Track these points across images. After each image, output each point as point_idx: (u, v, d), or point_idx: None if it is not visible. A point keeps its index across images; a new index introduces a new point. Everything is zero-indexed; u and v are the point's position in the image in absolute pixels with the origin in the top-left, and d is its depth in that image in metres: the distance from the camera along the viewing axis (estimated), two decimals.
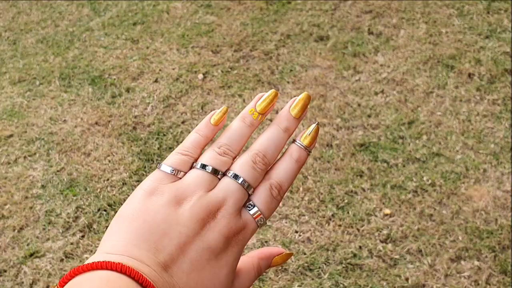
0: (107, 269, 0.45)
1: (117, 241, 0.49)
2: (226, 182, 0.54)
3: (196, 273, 0.50)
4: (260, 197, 0.55)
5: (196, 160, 0.56)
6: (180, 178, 0.55)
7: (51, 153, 3.01)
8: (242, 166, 0.55)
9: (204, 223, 0.51)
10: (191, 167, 0.56)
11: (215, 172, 0.55)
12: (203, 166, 0.55)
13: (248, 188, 0.55)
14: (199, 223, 0.51)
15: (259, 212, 0.55)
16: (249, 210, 0.54)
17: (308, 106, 0.60)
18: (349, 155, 2.78)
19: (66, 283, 0.45)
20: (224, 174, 0.55)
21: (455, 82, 3.16)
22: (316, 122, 0.62)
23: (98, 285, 0.43)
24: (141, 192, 0.53)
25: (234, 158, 0.57)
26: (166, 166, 0.55)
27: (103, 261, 0.45)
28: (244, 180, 0.54)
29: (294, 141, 0.59)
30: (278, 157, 0.58)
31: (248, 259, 0.60)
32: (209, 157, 0.55)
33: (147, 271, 0.47)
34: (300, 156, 0.58)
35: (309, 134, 0.59)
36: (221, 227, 0.52)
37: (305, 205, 2.57)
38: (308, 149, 0.58)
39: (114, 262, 0.45)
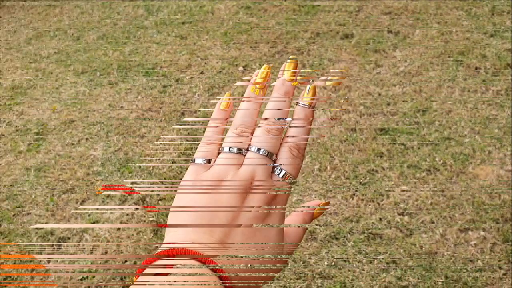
0: (173, 254, 0.47)
1: (177, 231, 0.51)
2: (251, 157, 0.55)
3: (249, 240, 0.51)
4: (284, 160, 0.56)
5: (220, 144, 0.57)
6: (212, 165, 0.56)
7: (109, 135, 3.03)
8: (260, 138, 0.56)
9: (244, 196, 0.53)
10: (219, 152, 0.57)
11: (239, 151, 0.55)
12: (228, 149, 0.56)
13: (271, 156, 0.55)
14: (239, 198, 0.52)
15: (287, 173, 0.55)
16: (278, 174, 0.55)
17: (298, 67, 0.60)
18: (371, 138, 2.77)
19: (143, 270, 0.47)
20: (247, 150, 0.56)
21: (463, 75, 3.14)
22: (310, 80, 0.61)
23: (171, 269, 0.46)
24: (185, 187, 0.55)
25: (251, 133, 0.57)
26: (198, 159, 0.56)
27: (169, 249, 0.48)
28: (265, 151, 0.55)
29: (297, 103, 0.59)
30: (289, 119, 0.58)
31: (294, 217, 0.60)
32: (231, 140, 0.56)
33: (206, 249, 0.49)
34: (307, 115, 0.58)
35: (307, 93, 0.58)
36: (259, 195, 0.53)
37: (332, 182, 2.58)
38: (311, 106, 0.58)
39: (178, 248, 0.48)
